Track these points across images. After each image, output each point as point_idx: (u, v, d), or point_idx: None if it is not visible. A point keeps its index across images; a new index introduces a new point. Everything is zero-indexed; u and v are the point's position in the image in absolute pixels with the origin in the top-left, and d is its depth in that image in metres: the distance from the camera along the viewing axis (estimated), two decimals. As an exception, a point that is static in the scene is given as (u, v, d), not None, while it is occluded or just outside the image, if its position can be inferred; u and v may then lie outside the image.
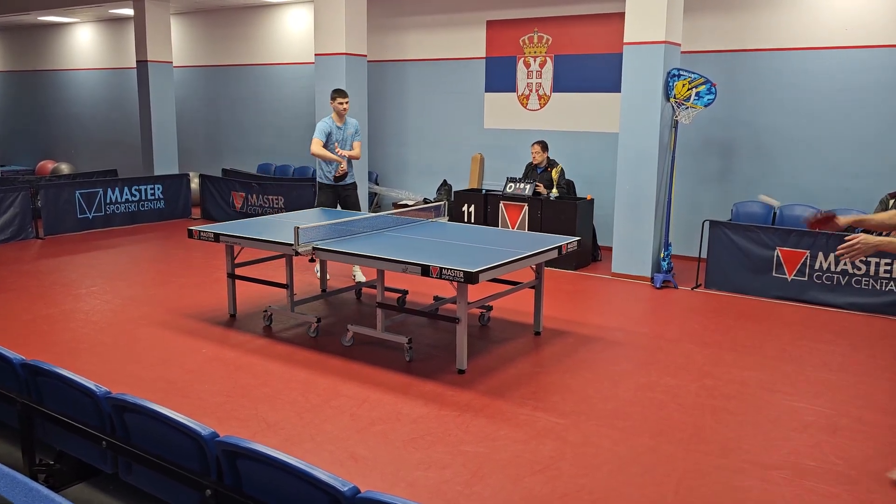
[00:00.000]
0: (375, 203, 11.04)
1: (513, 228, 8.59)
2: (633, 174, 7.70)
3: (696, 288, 7.49)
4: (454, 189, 10.11)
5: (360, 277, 7.27)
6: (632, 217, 7.76)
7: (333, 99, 6.98)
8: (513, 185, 8.72)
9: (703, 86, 7.44)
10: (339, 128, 7.00)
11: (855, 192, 7.84)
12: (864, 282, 6.63)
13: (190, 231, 6.15)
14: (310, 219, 6.45)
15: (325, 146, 6.91)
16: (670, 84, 7.52)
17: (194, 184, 12.07)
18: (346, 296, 7.01)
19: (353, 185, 7.22)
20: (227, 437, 2.35)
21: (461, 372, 5.03)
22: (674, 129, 7.72)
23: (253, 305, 6.60)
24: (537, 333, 5.92)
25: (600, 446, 4.01)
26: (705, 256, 7.55)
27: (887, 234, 4.13)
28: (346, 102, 6.96)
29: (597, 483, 3.62)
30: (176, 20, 13.67)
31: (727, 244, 7.29)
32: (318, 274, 7.17)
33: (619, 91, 7.92)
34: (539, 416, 4.36)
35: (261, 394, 4.67)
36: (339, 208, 7.20)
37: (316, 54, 9.67)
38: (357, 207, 7.27)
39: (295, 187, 10.71)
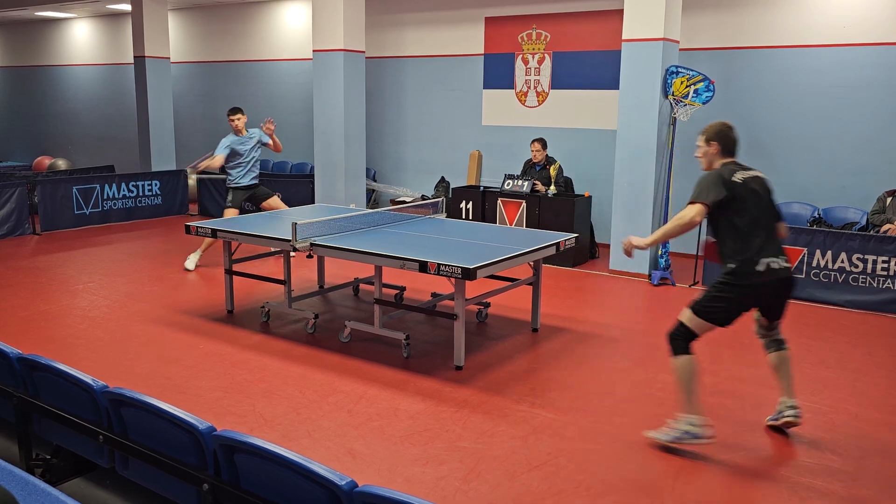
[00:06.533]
0: (373, 200, 11.03)
1: (511, 225, 8.59)
2: (632, 171, 7.69)
3: (693, 285, 7.50)
4: (452, 186, 10.10)
5: (191, 265, 7.91)
6: (630, 214, 7.76)
7: (228, 116, 7.81)
8: (511, 181, 8.72)
9: (702, 83, 7.45)
10: (242, 140, 7.82)
11: (852, 189, 7.85)
12: (861, 280, 6.64)
13: (187, 227, 6.14)
14: (307, 215, 6.44)
15: (231, 157, 7.75)
16: (668, 81, 7.52)
17: (191, 180, 12.04)
18: (343, 292, 7.00)
19: (259, 183, 8.13)
20: (225, 432, 2.35)
21: (458, 368, 5.03)
22: (672, 127, 7.72)
23: (250, 301, 6.60)
24: (535, 330, 5.93)
25: (597, 442, 4.02)
26: (703, 254, 7.55)
27: None
28: (239, 119, 7.78)
29: (594, 479, 3.62)
30: (173, 16, 13.64)
31: (725, 241, 7.28)
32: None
33: (618, 88, 7.91)
34: (536, 412, 4.37)
35: (258, 389, 4.67)
36: (248, 205, 8.16)
37: (314, 50, 9.66)
38: (267, 194, 8.16)
39: (293, 183, 10.69)
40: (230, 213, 7.70)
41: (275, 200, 8.13)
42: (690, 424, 3.74)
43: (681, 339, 3.78)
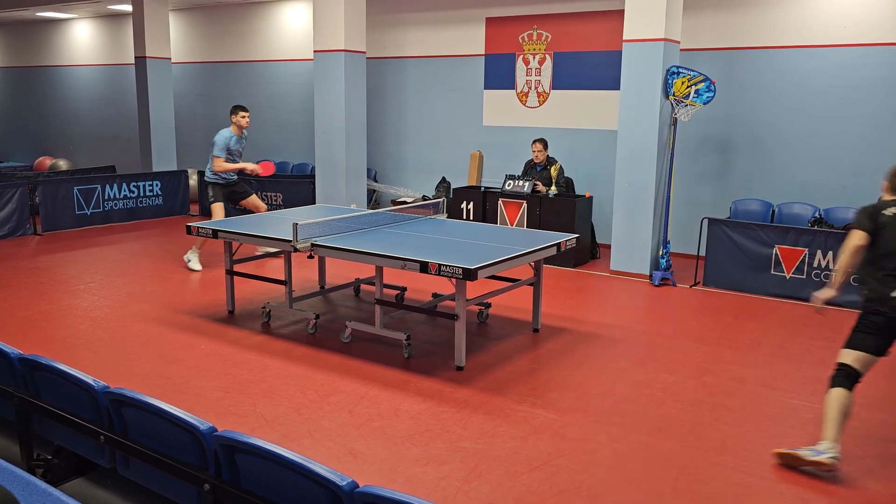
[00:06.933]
0: (374, 200, 11.03)
1: (511, 226, 8.59)
2: (632, 172, 7.69)
3: (694, 285, 7.49)
4: (453, 186, 10.10)
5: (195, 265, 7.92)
6: (630, 214, 7.76)
7: (236, 113, 7.76)
8: (511, 182, 8.72)
9: (703, 83, 7.44)
10: (239, 138, 7.86)
11: (853, 189, 7.84)
12: (862, 280, 6.62)
13: (188, 227, 6.15)
14: (308, 215, 6.44)
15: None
16: (669, 81, 7.52)
17: (192, 180, 12.05)
18: (344, 292, 7.00)
19: (238, 180, 8.09)
20: (226, 432, 2.35)
21: (459, 368, 5.03)
22: (673, 127, 7.72)
23: (251, 302, 6.60)
24: (536, 330, 5.93)
25: (598, 443, 4.02)
26: (704, 254, 7.55)
27: None
28: (244, 117, 7.79)
29: (594, 479, 3.62)
30: (174, 16, 13.64)
31: (726, 242, 7.29)
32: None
33: (619, 88, 7.91)
34: (537, 412, 4.37)
35: (259, 389, 4.67)
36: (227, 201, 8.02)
37: (315, 51, 9.66)
38: (246, 192, 8.13)
39: (294, 184, 10.71)
40: (217, 207, 7.72)
41: (254, 199, 8.11)
42: (818, 446, 3.66)
43: (842, 377, 3.80)
